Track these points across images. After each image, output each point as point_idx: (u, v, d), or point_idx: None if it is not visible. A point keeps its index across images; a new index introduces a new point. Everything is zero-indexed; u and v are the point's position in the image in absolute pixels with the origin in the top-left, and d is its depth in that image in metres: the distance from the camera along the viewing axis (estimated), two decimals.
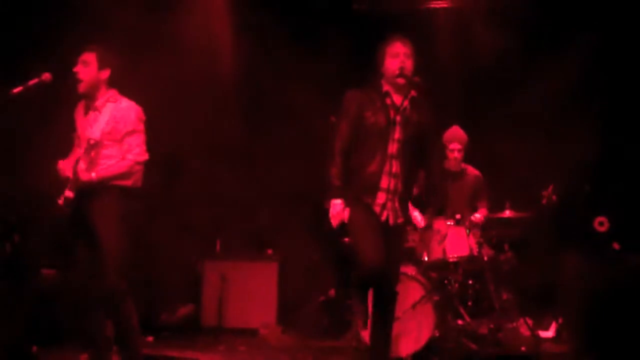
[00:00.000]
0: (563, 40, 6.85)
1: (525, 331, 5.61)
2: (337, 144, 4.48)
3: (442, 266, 5.62)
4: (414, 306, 5.30)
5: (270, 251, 6.90)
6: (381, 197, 4.45)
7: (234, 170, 7.11)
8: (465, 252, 5.53)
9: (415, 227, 5.89)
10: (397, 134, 4.45)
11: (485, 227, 5.93)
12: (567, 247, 6.27)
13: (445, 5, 7.39)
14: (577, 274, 5.81)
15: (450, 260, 5.55)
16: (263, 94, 7.24)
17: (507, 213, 5.82)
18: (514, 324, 5.63)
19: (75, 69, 4.58)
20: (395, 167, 4.45)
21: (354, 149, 4.48)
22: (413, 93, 4.49)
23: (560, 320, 5.85)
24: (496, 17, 7.00)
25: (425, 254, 5.62)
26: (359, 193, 4.45)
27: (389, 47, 4.51)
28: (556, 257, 6.27)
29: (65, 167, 4.54)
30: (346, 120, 4.49)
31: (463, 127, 6.17)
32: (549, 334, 5.83)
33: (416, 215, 4.71)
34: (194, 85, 6.94)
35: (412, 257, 5.70)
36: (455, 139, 6.09)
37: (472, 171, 6.19)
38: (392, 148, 4.46)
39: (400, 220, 4.51)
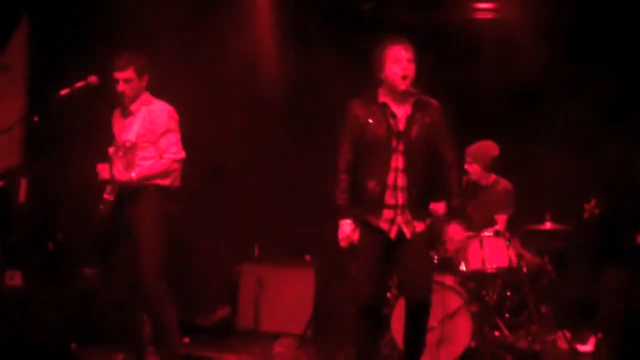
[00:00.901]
0: (606, 53, 6.77)
1: (563, 344, 5.55)
2: (340, 161, 4.28)
3: (481, 277, 5.57)
4: (451, 316, 5.28)
5: (308, 257, 6.90)
6: (388, 214, 4.21)
7: (275, 174, 7.16)
8: (504, 264, 5.47)
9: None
10: (400, 145, 4.19)
11: (525, 239, 5.87)
12: (608, 262, 6.18)
13: (490, 17, 7.34)
14: (618, 289, 5.73)
15: (489, 271, 5.48)
16: (306, 99, 7.27)
17: (548, 225, 5.75)
18: (552, 337, 5.57)
19: (120, 90, 4.64)
20: (401, 180, 4.19)
21: (358, 164, 4.25)
22: (416, 97, 4.22)
23: (599, 335, 5.76)
24: (540, 30, 6.95)
25: (462, 263, 5.58)
26: (363, 212, 4.24)
27: (389, 51, 4.21)
28: (597, 271, 6.18)
29: (103, 169, 4.62)
30: (347, 135, 4.28)
31: (505, 139, 6.10)
32: (587, 348, 5.74)
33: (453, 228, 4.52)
34: (237, 89, 7.01)
35: (450, 266, 5.67)
36: (467, 153, 5.95)
37: (504, 183, 6.01)
38: (396, 161, 4.19)
39: (419, 230, 4.24)
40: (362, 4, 7.12)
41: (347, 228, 4.25)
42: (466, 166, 5.97)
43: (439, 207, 5.05)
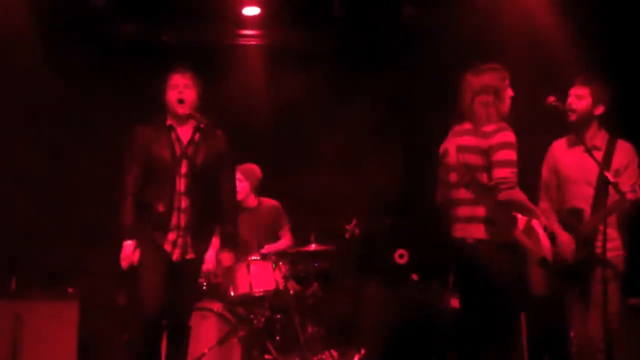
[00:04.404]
0: (368, 80, 7.13)
1: None
2: (126, 183, 4.46)
3: (248, 301, 5.60)
4: (220, 342, 5.24)
5: (70, 290, 6.54)
6: (172, 235, 4.44)
7: (32, 202, 6.70)
8: (271, 287, 5.54)
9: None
10: (183, 168, 4.46)
11: (291, 261, 6.01)
12: (370, 280, 6.48)
13: (255, 43, 7.48)
14: (378, 305, 6.03)
15: (256, 294, 5.53)
16: (71, 123, 6.90)
17: (313, 247, 5.92)
18: (319, 357, 5.71)
19: None
20: (184, 203, 4.44)
21: (144, 186, 4.46)
22: (201, 124, 4.52)
23: (362, 351, 6.01)
24: (303, 56, 7.19)
25: (231, 288, 5.58)
26: (150, 232, 4.44)
27: (169, 79, 4.56)
28: (360, 289, 6.47)
29: None
30: (132, 158, 4.49)
31: (269, 162, 6.26)
32: None
33: (210, 255, 4.78)
34: None
35: (219, 292, 5.65)
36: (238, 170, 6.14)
37: (267, 202, 6.26)
38: (180, 184, 4.44)
39: (189, 256, 4.50)
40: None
41: (128, 249, 4.40)
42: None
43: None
